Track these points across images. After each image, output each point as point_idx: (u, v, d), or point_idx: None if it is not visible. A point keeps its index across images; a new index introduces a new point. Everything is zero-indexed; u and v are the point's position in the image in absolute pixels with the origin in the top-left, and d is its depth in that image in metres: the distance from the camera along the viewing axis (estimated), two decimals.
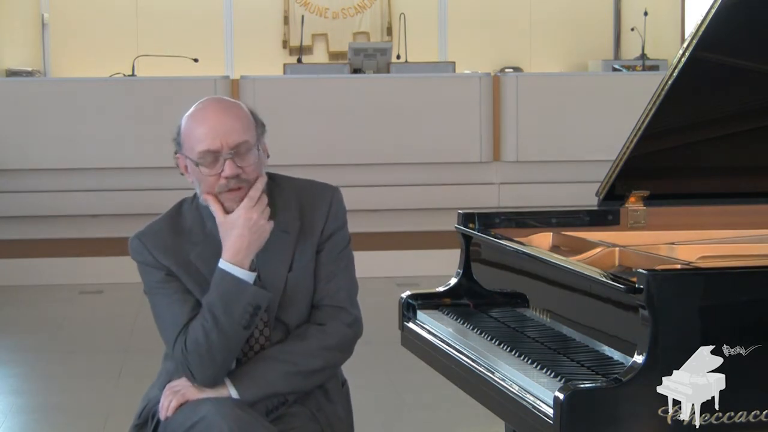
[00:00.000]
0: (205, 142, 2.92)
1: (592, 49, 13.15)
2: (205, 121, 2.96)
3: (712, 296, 2.45)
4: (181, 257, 3.02)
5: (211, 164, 2.94)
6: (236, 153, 2.93)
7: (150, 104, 9.14)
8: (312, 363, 3.00)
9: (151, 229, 3.08)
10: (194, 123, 2.97)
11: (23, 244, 8.97)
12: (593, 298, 2.71)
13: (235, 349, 2.94)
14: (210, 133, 2.93)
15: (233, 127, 2.95)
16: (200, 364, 2.92)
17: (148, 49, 11.41)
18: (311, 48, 13.02)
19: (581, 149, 9.32)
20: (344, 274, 3.10)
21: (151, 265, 3.03)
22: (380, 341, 5.75)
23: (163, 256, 3.01)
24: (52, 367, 6.39)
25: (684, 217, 3.47)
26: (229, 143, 2.93)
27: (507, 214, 3.50)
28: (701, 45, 3.14)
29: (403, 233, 9.21)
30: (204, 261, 3.00)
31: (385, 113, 9.33)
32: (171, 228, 3.06)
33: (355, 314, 3.09)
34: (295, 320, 3.05)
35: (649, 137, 3.27)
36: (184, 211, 3.09)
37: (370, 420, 5.08)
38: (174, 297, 2.99)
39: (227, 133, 2.93)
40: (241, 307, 2.90)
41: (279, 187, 3.11)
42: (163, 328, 3.01)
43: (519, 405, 2.60)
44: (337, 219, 3.11)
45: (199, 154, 2.93)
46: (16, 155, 9.05)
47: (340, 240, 3.10)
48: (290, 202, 3.07)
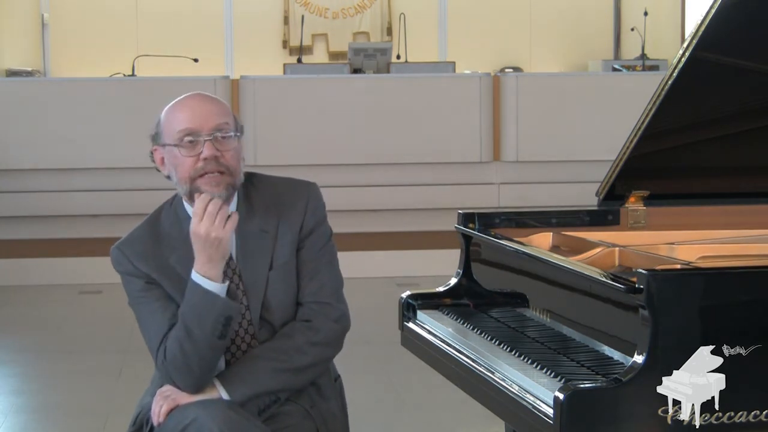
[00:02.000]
0: (185, 122, 2.94)
1: (592, 49, 13.14)
2: (185, 107, 2.99)
3: (712, 296, 2.45)
4: (161, 262, 3.01)
5: (190, 146, 2.94)
6: (216, 137, 2.94)
7: (150, 104, 9.02)
8: (300, 359, 2.99)
9: (131, 237, 3.08)
10: (174, 110, 3.00)
11: (23, 244, 8.97)
12: (593, 298, 2.71)
13: (213, 358, 2.93)
14: (190, 115, 2.95)
15: (213, 110, 2.98)
16: (179, 374, 2.92)
17: (148, 49, 11.41)
18: (311, 48, 13.01)
19: (581, 149, 9.32)
20: (328, 270, 3.08)
21: (132, 274, 3.02)
22: (380, 341, 5.76)
23: (142, 263, 3.01)
24: (51, 367, 6.39)
25: (684, 217, 3.47)
26: (209, 125, 2.94)
27: (507, 214, 3.50)
28: (701, 45, 3.14)
29: (402, 233, 9.21)
30: (183, 265, 2.98)
31: (385, 113, 9.33)
32: (150, 234, 3.06)
33: (342, 309, 3.08)
34: (280, 318, 3.04)
35: (649, 137, 3.27)
36: (162, 216, 3.09)
37: (369, 420, 5.08)
38: (155, 305, 2.99)
39: (207, 115, 2.95)
40: (212, 318, 2.88)
41: (255, 187, 3.10)
42: (147, 338, 3.02)
43: (519, 405, 2.60)
44: (316, 214, 3.09)
45: (179, 133, 2.94)
46: (15, 155, 9.05)
47: (320, 235, 3.09)
48: (267, 202, 3.06)
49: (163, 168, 3.03)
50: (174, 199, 3.10)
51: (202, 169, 2.93)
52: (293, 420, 3.00)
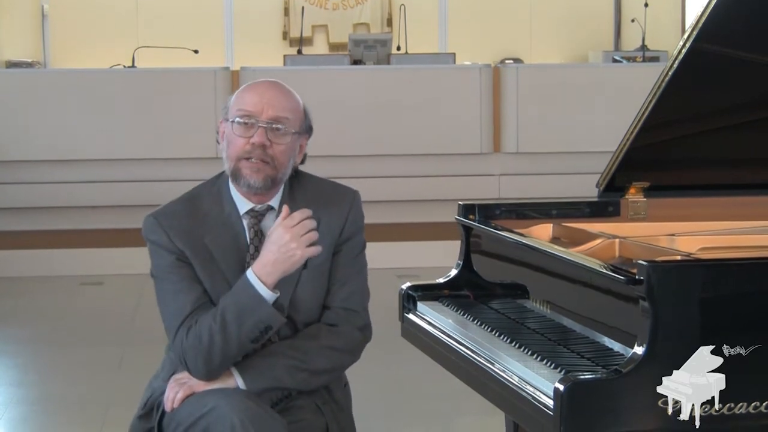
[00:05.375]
0: (248, 104, 2.99)
1: (592, 40, 13.12)
2: (257, 89, 3.03)
3: (712, 287, 2.45)
4: (196, 241, 2.99)
5: (245, 128, 2.98)
6: (272, 127, 2.97)
7: (150, 96, 9.13)
8: (319, 362, 2.99)
9: (168, 209, 3.06)
10: (246, 89, 3.06)
11: (23, 235, 8.97)
12: (593, 289, 2.71)
13: (236, 356, 2.94)
14: (256, 97, 3.00)
15: (280, 102, 3.01)
16: (196, 359, 2.91)
17: (148, 41, 11.39)
18: (311, 39, 12.99)
19: (581, 140, 9.31)
20: (358, 279, 3.10)
21: (164, 246, 3.00)
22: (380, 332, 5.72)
23: (177, 238, 2.99)
24: (52, 358, 6.40)
25: (684, 209, 3.47)
26: (270, 113, 2.98)
27: (507, 205, 3.50)
28: (702, 36, 3.14)
29: (403, 224, 9.21)
30: (218, 246, 2.99)
31: (385, 104, 9.32)
32: (188, 210, 3.05)
33: (367, 320, 3.11)
34: (305, 318, 3.04)
35: (649, 128, 3.27)
36: (203, 194, 3.09)
37: (369, 411, 5.08)
38: (181, 285, 2.97)
39: (271, 104, 2.99)
40: (253, 321, 2.88)
41: (300, 185, 3.12)
42: (165, 315, 3.00)
43: (519, 396, 2.61)
44: (356, 222, 3.11)
45: (239, 111, 2.98)
46: (16, 146, 9.04)
47: (356, 244, 3.11)
48: (310, 200, 3.06)
49: (222, 141, 3.06)
50: (218, 179, 3.10)
51: (249, 153, 2.97)
52: (306, 415, 3.01)
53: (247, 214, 3.05)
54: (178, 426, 2.91)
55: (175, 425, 2.92)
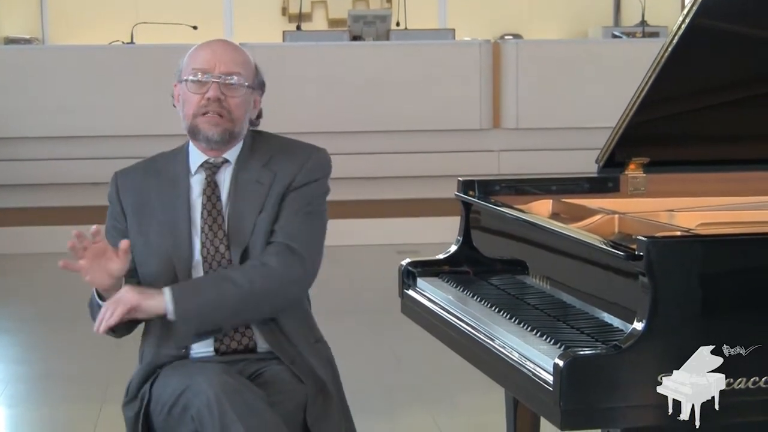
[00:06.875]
0: (201, 62, 3.07)
1: (592, 15, 13.10)
2: (206, 47, 3.12)
3: (711, 263, 2.45)
4: (143, 197, 3.12)
5: (199, 84, 3.06)
6: (226, 81, 3.05)
7: (149, 72, 9.10)
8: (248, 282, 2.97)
9: (130, 167, 3.24)
10: (197, 49, 3.13)
11: (23, 212, 8.97)
12: (593, 265, 2.71)
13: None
14: (209, 55, 3.08)
15: (230, 57, 3.10)
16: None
17: (147, 17, 11.36)
18: (311, 15, 12.97)
19: (581, 116, 9.30)
20: (305, 225, 3.08)
21: (111, 200, 3.19)
22: (380, 308, 5.76)
23: (125, 194, 3.15)
24: (52, 335, 6.41)
25: (684, 184, 3.47)
26: (222, 68, 3.06)
27: (507, 181, 3.50)
28: (701, 11, 3.12)
29: (402, 200, 9.21)
30: (162, 202, 3.10)
31: (385, 80, 9.31)
32: (146, 168, 3.20)
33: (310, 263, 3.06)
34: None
35: (649, 104, 3.26)
36: (165, 154, 3.21)
37: (368, 387, 5.09)
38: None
39: (223, 59, 3.07)
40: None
41: (263, 141, 3.19)
42: None
43: (519, 372, 2.61)
44: (311, 174, 3.11)
45: (193, 70, 3.06)
46: (14, 123, 9.03)
47: (308, 193, 3.10)
48: (270, 156, 3.13)
49: (177, 104, 3.14)
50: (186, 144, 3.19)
51: (205, 108, 3.05)
52: (288, 387, 3.00)
53: (201, 167, 3.12)
54: (163, 407, 2.96)
55: (160, 407, 2.97)
